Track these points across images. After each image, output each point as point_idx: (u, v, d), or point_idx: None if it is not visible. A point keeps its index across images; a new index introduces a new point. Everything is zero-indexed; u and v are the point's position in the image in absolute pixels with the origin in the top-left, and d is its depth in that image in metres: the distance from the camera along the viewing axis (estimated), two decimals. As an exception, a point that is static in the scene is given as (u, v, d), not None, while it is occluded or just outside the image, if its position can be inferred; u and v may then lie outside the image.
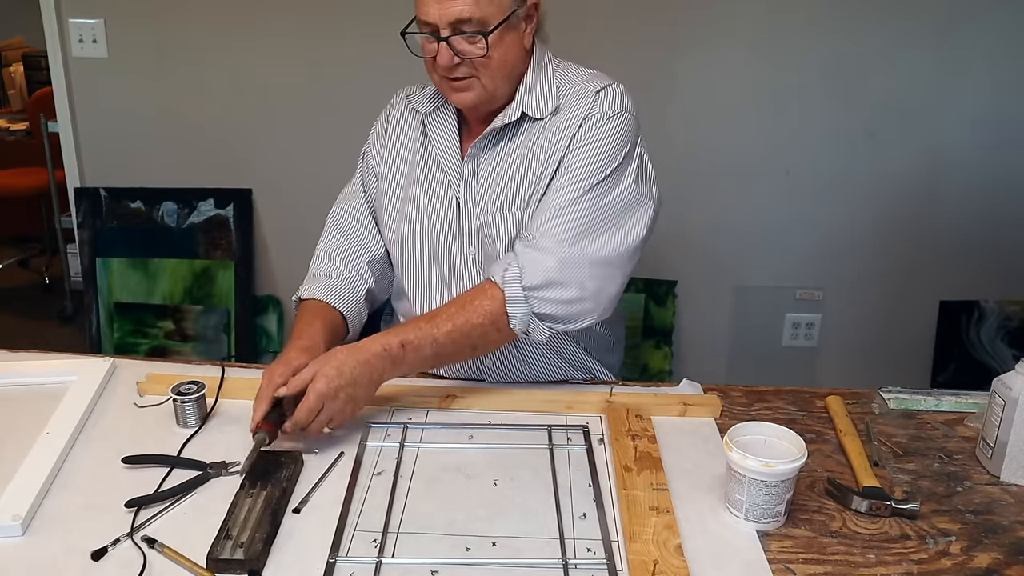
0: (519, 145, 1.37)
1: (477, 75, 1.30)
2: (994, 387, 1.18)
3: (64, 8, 2.70)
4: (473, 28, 1.25)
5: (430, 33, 1.27)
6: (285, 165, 2.82)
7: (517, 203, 1.36)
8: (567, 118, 1.34)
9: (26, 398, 1.33)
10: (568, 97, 1.36)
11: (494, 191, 1.37)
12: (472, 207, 1.38)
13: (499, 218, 1.37)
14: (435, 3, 1.24)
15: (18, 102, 4.84)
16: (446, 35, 1.26)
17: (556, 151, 1.34)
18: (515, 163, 1.37)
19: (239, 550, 0.97)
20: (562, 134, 1.34)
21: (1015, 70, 2.62)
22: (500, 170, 1.38)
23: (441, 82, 1.33)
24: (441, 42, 1.26)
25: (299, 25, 2.68)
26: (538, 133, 1.36)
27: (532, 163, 1.36)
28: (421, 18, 1.27)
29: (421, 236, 1.42)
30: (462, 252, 1.40)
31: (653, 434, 1.24)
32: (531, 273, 1.28)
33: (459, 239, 1.40)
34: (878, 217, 2.76)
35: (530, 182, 1.35)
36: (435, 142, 1.41)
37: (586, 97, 1.34)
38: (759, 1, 2.58)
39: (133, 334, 2.91)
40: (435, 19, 1.25)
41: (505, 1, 1.26)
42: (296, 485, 1.12)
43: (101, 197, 2.86)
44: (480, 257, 1.39)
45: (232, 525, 1.01)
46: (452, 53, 1.27)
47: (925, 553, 1.03)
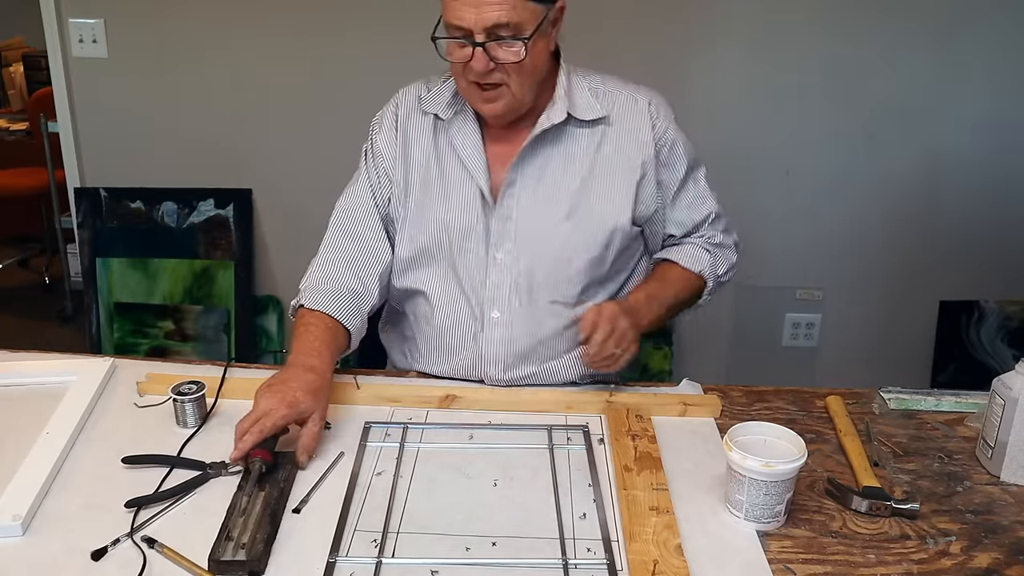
0: (569, 151, 1.37)
1: (508, 82, 1.28)
2: (994, 387, 1.18)
3: (64, 8, 2.70)
4: (509, 33, 1.23)
5: (463, 38, 1.25)
6: (285, 165, 2.82)
7: (580, 211, 1.36)
8: (633, 133, 1.38)
9: (26, 398, 1.32)
10: (617, 108, 1.38)
11: (545, 198, 1.36)
12: (510, 211, 1.36)
13: (553, 223, 1.36)
14: (471, 8, 1.21)
15: (18, 102, 4.83)
16: (481, 40, 1.23)
17: (632, 168, 1.37)
18: (572, 170, 1.37)
19: (241, 551, 0.97)
20: (635, 150, 1.38)
21: (1014, 74, 2.62)
22: (552, 176, 1.37)
23: (470, 88, 1.31)
24: (477, 48, 1.24)
25: (299, 25, 2.68)
26: (596, 143, 1.37)
27: (597, 173, 1.37)
28: (452, 22, 1.24)
29: (442, 240, 1.39)
30: (488, 255, 1.37)
31: (653, 434, 1.24)
32: (723, 266, 1.51)
33: (485, 242, 1.37)
34: (878, 217, 2.76)
35: (599, 192, 1.37)
36: (460, 147, 1.38)
37: (640, 111, 1.39)
38: (759, 2, 2.58)
39: (133, 334, 2.91)
40: (470, 24, 1.22)
41: (537, 6, 1.24)
42: (294, 485, 1.12)
43: (101, 197, 2.86)
44: (508, 261, 1.37)
45: (232, 526, 1.01)
46: (488, 59, 1.24)
47: (925, 553, 1.03)
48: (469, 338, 1.40)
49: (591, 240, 1.38)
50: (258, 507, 1.05)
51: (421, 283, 1.43)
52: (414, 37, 2.73)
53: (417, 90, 1.45)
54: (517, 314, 1.38)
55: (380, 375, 1.43)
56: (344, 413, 1.30)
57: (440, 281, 1.41)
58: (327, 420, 1.25)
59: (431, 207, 1.39)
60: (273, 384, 1.20)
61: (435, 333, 1.43)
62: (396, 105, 1.46)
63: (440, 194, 1.39)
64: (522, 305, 1.38)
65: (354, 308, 1.37)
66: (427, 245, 1.40)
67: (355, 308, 1.37)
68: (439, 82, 1.42)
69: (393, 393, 1.34)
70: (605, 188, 1.38)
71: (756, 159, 2.69)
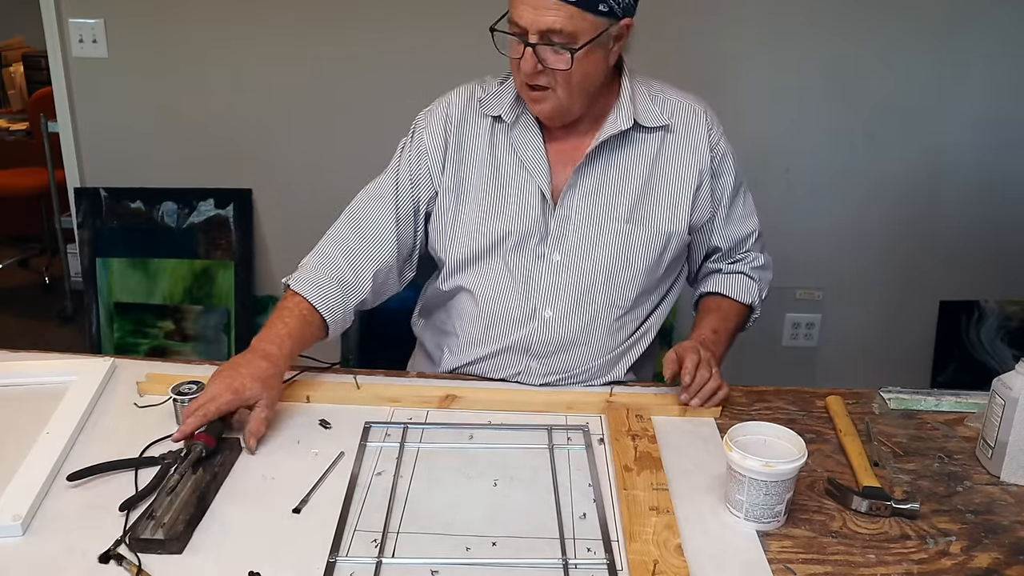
0: (632, 157, 1.39)
1: (554, 87, 1.29)
2: (994, 387, 1.18)
3: (64, 8, 2.70)
4: (562, 40, 1.24)
5: (518, 36, 1.26)
6: (285, 165, 2.82)
7: (639, 216, 1.39)
8: (691, 141, 1.41)
9: (26, 398, 1.32)
10: (677, 115, 1.41)
11: (605, 202, 1.38)
12: (569, 213, 1.38)
13: (613, 226, 1.38)
14: (529, 8, 1.22)
15: (18, 102, 4.83)
16: (533, 42, 1.24)
17: (690, 175, 1.40)
18: (633, 176, 1.39)
19: (160, 530, 0.99)
20: (693, 158, 1.41)
21: (1014, 71, 2.62)
22: (613, 181, 1.39)
23: (522, 87, 1.33)
24: (528, 48, 1.25)
25: (299, 25, 2.68)
26: (655, 149, 1.40)
27: (656, 179, 1.40)
28: (513, 19, 1.25)
29: (499, 242, 1.39)
30: (546, 257, 1.39)
31: (653, 434, 1.24)
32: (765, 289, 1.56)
33: (544, 245, 1.39)
34: (878, 217, 2.76)
35: (658, 198, 1.40)
36: (521, 149, 1.39)
37: (698, 119, 1.42)
38: (760, 3, 2.58)
39: (133, 334, 2.91)
40: (526, 24, 1.23)
41: (598, 20, 1.24)
42: (230, 470, 1.15)
43: (101, 197, 2.86)
44: (565, 262, 1.39)
45: (157, 506, 1.03)
46: (535, 61, 1.25)
47: (925, 553, 1.03)
48: (517, 334, 1.41)
49: (649, 244, 1.40)
50: (187, 489, 1.07)
51: (470, 283, 1.43)
52: (415, 37, 2.75)
53: (472, 92, 1.43)
54: (570, 315, 1.40)
55: (380, 375, 1.43)
56: (344, 413, 1.30)
57: (492, 281, 1.41)
58: (327, 420, 1.26)
59: (488, 210, 1.40)
60: (223, 369, 1.23)
61: (481, 329, 1.43)
62: (447, 105, 1.44)
63: (498, 197, 1.39)
64: (576, 306, 1.39)
65: (338, 299, 1.37)
66: (482, 248, 1.40)
67: (340, 299, 1.37)
68: (495, 84, 1.43)
69: (393, 393, 1.34)
70: (664, 194, 1.40)
71: (756, 158, 2.69)
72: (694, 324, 1.49)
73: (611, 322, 1.42)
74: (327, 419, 1.27)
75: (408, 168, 1.44)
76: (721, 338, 1.44)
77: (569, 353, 1.41)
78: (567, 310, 1.40)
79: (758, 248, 1.55)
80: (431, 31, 2.64)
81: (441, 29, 2.63)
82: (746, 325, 1.55)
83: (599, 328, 1.42)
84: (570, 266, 1.39)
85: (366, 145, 2.76)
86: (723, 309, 1.50)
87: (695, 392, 1.31)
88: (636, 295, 1.42)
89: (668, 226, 1.40)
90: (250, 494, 1.11)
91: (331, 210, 1.51)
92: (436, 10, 2.62)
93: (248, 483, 1.13)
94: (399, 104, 2.69)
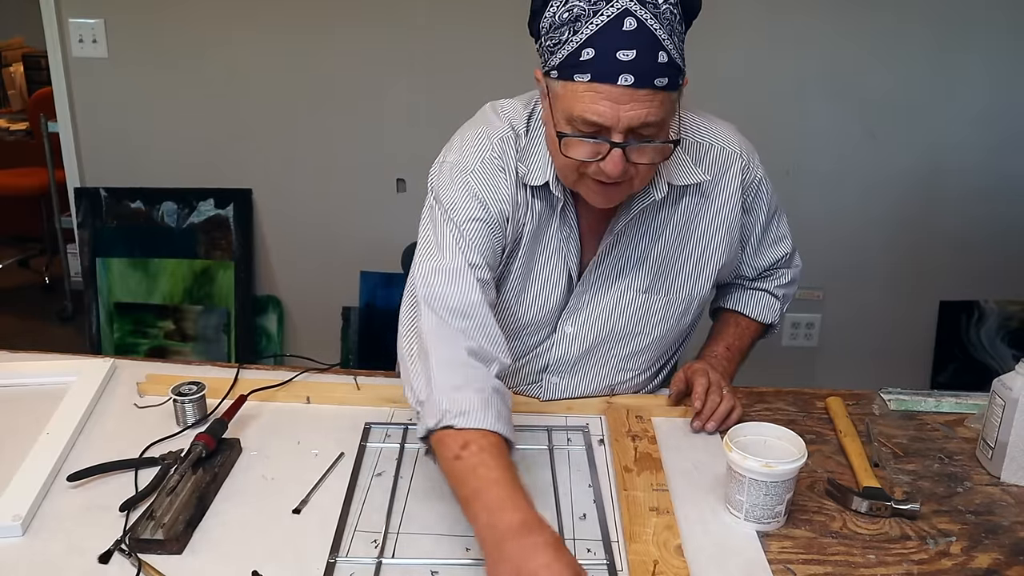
0: (659, 220, 1.25)
1: (633, 178, 1.10)
2: (994, 388, 1.18)
3: (64, 8, 2.70)
4: (651, 132, 1.05)
5: (594, 137, 1.05)
6: (285, 165, 2.82)
7: (664, 281, 1.29)
8: (724, 192, 1.26)
9: (26, 398, 1.32)
10: (712, 167, 1.25)
11: (627, 268, 1.27)
12: (588, 285, 1.27)
13: (631, 295, 1.28)
14: (612, 103, 1.01)
15: (18, 102, 4.83)
16: (619, 142, 1.04)
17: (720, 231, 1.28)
18: (659, 239, 1.26)
19: (160, 530, 0.99)
20: (724, 211, 1.27)
21: (1013, 69, 2.62)
22: (636, 246, 1.25)
23: (582, 180, 1.11)
24: (614, 149, 1.04)
25: (299, 24, 2.68)
26: (691, 208, 1.25)
27: (683, 243, 1.27)
28: (581, 115, 1.03)
29: (522, 318, 1.28)
30: (558, 328, 1.29)
31: (653, 434, 1.24)
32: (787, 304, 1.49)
33: (557, 313, 1.28)
34: (878, 217, 2.76)
35: (684, 263, 1.28)
36: (561, 229, 1.22)
37: (732, 164, 1.26)
38: (760, 2, 2.58)
39: (133, 334, 2.91)
40: (609, 122, 1.02)
41: (675, 92, 1.06)
42: (230, 470, 1.15)
43: (101, 197, 2.86)
44: (576, 333, 1.29)
45: (157, 506, 1.03)
46: (625, 162, 1.05)
47: (925, 553, 1.03)
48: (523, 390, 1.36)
49: (668, 311, 1.31)
50: (187, 489, 1.07)
51: None
52: (415, 37, 2.75)
53: (507, 149, 1.20)
54: (579, 381, 1.35)
55: (380, 375, 1.43)
56: (344, 413, 1.30)
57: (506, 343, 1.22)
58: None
59: (518, 291, 1.26)
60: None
61: None
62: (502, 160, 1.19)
63: (529, 278, 1.26)
64: (586, 374, 1.35)
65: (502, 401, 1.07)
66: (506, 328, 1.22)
67: (502, 399, 1.07)
68: (522, 134, 1.21)
69: (393, 393, 1.34)
70: (692, 257, 1.29)
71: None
72: (709, 336, 1.45)
73: (623, 382, 1.37)
74: (326, 418, 1.27)
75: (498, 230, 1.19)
76: (734, 355, 1.39)
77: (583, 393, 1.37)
78: (575, 375, 1.34)
79: (788, 263, 1.46)
80: (432, 31, 2.64)
81: (442, 29, 2.63)
82: (763, 337, 1.49)
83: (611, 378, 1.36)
84: (582, 337, 1.30)
85: (366, 145, 2.77)
86: (740, 326, 1.43)
87: (707, 418, 1.25)
88: (651, 358, 1.36)
89: (693, 290, 1.31)
90: (250, 494, 1.11)
91: (331, 210, 1.50)
92: (437, 10, 2.62)
93: (248, 483, 1.13)
94: (400, 104, 2.71)
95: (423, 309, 1.12)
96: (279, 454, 1.20)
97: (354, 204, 2.79)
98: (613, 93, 1.01)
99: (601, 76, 1.01)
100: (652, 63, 1.01)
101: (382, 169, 2.80)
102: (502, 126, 1.21)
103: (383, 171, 2.80)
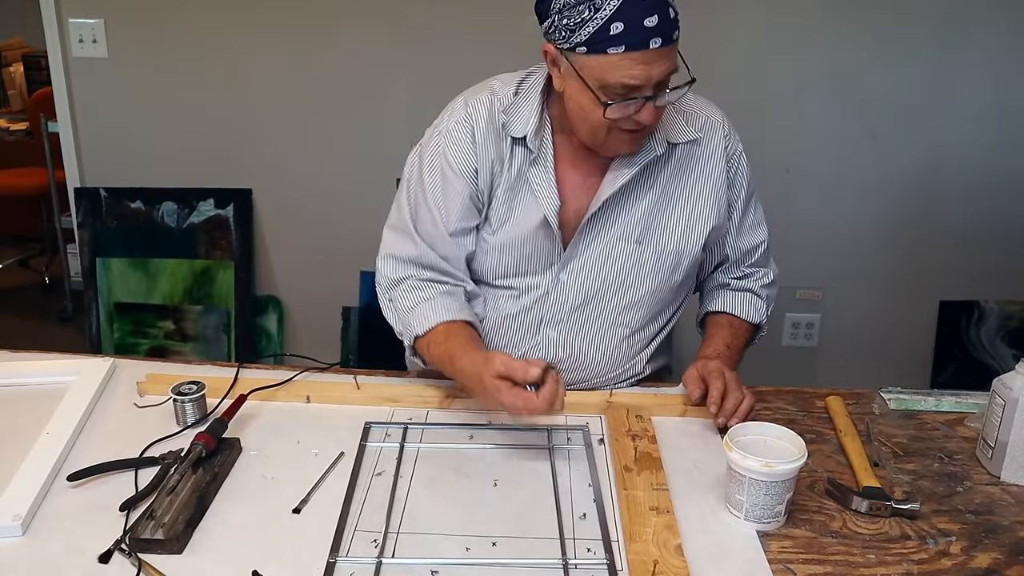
0: (652, 174, 1.34)
1: (656, 120, 1.24)
2: (994, 387, 1.18)
3: (64, 8, 2.70)
4: (670, 79, 1.20)
5: (631, 98, 1.18)
6: (285, 165, 2.82)
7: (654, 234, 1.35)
8: (709, 154, 1.37)
9: (26, 398, 1.32)
10: (701, 127, 1.37)
11: (619, 220, 1.34)
12: (582, 234, 1.34)
13: (623, 246, 1.35)
14: (644, 65, 1.15)
15: (18, 102, 4.84)
16: (649, 95, 1.18)
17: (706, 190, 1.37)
18: (651, 193, 1.34)
19: (160, 530, 0.99)
20: (710, 172, 1.37)
21: (1013, 68, 2.62)
22: (629, 198, 1.34)
23: (611, 138, 1.25)
24: (648, 102, 1.19)
25: (299, 24, 2.68)
26: (681, 163, 1.35)
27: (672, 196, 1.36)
28: (618, 81, 1.16)
29: (517, 265, 1.37)
30: (547, 273, 1.36)
31: (653, 434, 1.24)
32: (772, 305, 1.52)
33: (547, 260, 1.36)
34: (878, 217, 2.76)
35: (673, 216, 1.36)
36: (537, 178, 1.32)
37: (715, 130, 1.38)
38: (759, 2, 2.58)
39: (133, 334, 2.91)
40: (643, 80, 1.16)
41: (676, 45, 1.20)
42: (230, 470, 1.15)
43: (101, 197, 2.86)
44: (571, 281, 1.36)
45: (157, 506, 1.03)
46: (657, 110, 1.21)
47: (925, 553, 1.03)
48: (521, 352, 1.40)
49: (659, 264, 1.37)
50: (187, 489, 1.07)
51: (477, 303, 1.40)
52: (415, 36, 2.75)
53: (488, 104, 1.33)
54: (575, 335, 1.39)
55: (380, 375, 1.43)
56: (344, 413, 1.30)
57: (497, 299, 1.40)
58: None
59: (503, 238, 1.35)
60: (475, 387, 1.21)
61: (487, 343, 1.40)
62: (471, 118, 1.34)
63: (507, 212, 1.34)
64: (582, 327, 1.38)
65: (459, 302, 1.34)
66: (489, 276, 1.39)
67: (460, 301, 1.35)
68: (509, 94, 1.34)
69: (393, 393, 1.34)
70: (681, 213, 1.36)
71: (756, 159, 2.68)
72: (705, 339, 1.46)
73: (618, 341, 1.41)
74: (326, 418, 1.27)
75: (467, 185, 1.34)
76: (733, 353, 1.41)
77: (579, 371, 1.41)
78: (572, 330, 1.38)
79: (766, 261, 1.51)
80: (432, 31, 2.64)
81: (442, 29, 2.62)
82: (753, 342, 1.51)
83: (607, 348, 1.40)
84: (577, 285, 1.36)
85: (366, 145, 2.77)
86: (734, 326, 1.45)
87: (730, 415, 1.25)
88: (644, 316, 1.40)
89: (683, 244, 1.37)
90: (250, 494, 1.11)
91: (331, 210, 1.51)
92: (436, 10, 2.62)
93: (248, 483, 1.13)
94: (400, 104, 2.71)
95: (383, 257, 1.39)
96: (279, 454, 1.20)
97: (354, 204, 2.79)
98: (647, 57, 1.15)
99: (635, 45, 1.14)
100: (668, 21, 1.15)
101: (382, 169, 2.78)
102: (484, 91, 1.35)
103: (383, 171, 2.78)
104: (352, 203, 2.80)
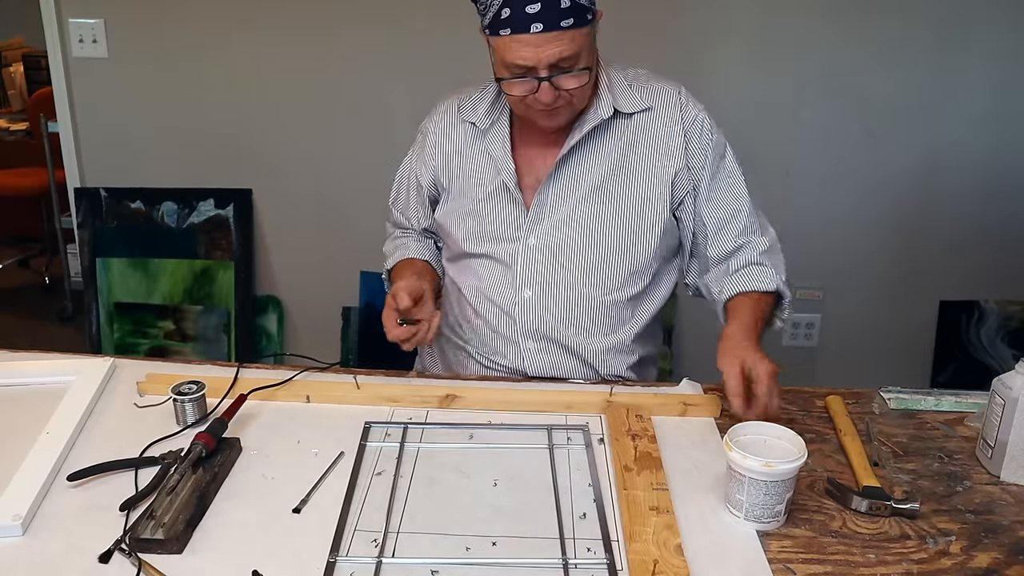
0: (606, 142, 1.43)
1: (570, 101, 1.33)
2: (994, 387, 1.18)
3: (64, 8, 2.70)
4: (569, 64, 1.28)
5: (524, 76, 1.29)
6: (285, 165, 2.82)
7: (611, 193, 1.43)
8: (664, 121, 1.43)
9: (26, 398, 1.32)
10: (652, 98, 1.44)
11: (577, 184, 1.43)
12: (546, 201, 1.44)
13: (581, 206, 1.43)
14: (530, 48, 1.25)
15: (18, 102, 4.84)
16: (545, 76, 1.28)
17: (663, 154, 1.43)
18: (607, 159, 1.43)
19: (160, 530, 0.99)
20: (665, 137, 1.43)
21: (1012, 70, 2.62)
22: (590, 166, 1.43)
23: (533, 112, 1.36)
24: (543, 82, 1.29)
25: (299, 25, 2.68)
26: (631, 132, 1.43)
27: (629, 159, 1.43)
28: (511, 61, 1.28)
29: (485, 231, 1.47)
30: (517, 238, 1.45)
31: (653, 434, 1.24)
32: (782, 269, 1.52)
33: (515, 224, 1.45)
34: (878, 217, 2.76)
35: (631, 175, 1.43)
36: (493, 150, 1.46)
37: (671, 99, 1.44)
38: (758, 3, 2.58)
39: (133, 334, 2.91)
40: (532, 62, 1.26)
41: (586, 28, 1.27)
42: (230, 470, 1.15)
43: (101, 197, 2.86)
44: (538, 244, 1.45)
45: (157, 505, 1.03)
46: (554, 91, 1.30)
47: (925, 553, 1.03)
48: (505, 320, 1.48)
49: (621, 219, 1.43)
50: (187, 489, 1.07)
51: (458, 275, 1.54)
52: (414, 37, 2.75)
53: (455, 101, 1.53)
54: (552, 296, 1.46)
55: (380, 375, 1.43)
56: (344, 413, 1.30)
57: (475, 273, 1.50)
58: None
59: (468, 207, 1.48)
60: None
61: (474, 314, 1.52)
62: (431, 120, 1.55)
63: (480, 191, 1.47)
64: (557, 287, 1.45)
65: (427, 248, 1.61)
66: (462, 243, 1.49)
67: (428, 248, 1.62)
68: (475, 92, 1.51)
69: (393, 393, 1.34)
70: (638, 172, 1.43)
71: (756, 160, 2.68)
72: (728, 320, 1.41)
73: (596, 305, 1.46)
74: (326, 418, 1.27)
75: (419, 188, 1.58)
76: (759, 325, 1.38)
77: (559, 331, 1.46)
78: (545, 289, 1.45)
79: (756, 231, 1.48)
80: (432, 34, 2.64)
81: (442, 33, 2.63)
82: (782, 313, 1.49)
83: (581, 307, 1.46)
84: (543, 247, 1.44)
85: (366, 145, 2.77)
86: (751, 300, 1.42)
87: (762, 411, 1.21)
88: (617, 278, 1.45)
89: (644, 204, 1.43)
90: (250, 494, 1.11)
91: (331, 210, 1.52)
92: (436, 11, 2.62)
93: (248, 483, 1.13)
94: (399, 104, 2.71)
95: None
96: (279, 453, 1.20)
97: (354, 204, 2.79)
98: (530, 40, 1.25)
99: (518, 28, 1.25)
100: (556, 10, 1.23)
101: (382, 169, 2.79)
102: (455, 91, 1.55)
103: (383, 171, 2.79)
104: (352, 203, 2.80)
